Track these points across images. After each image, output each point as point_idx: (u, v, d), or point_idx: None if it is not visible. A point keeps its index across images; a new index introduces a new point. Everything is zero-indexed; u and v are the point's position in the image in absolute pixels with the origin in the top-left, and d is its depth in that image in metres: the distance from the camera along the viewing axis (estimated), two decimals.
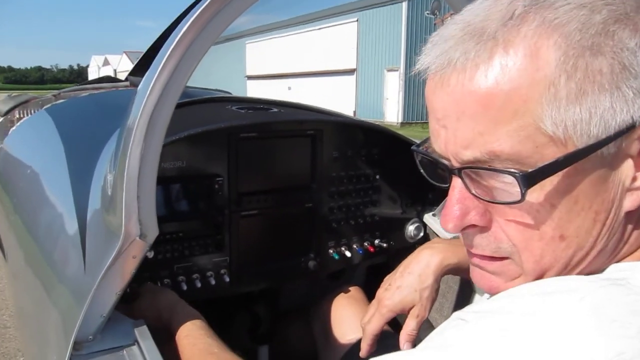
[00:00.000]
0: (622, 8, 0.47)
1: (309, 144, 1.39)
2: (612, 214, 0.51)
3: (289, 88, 24.98)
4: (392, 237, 1.57)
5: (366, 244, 1.53)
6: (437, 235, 1.57)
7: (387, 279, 1.05)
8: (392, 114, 20.00)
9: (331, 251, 1.47)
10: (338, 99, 20.43)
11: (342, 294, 1.54)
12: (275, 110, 1.48)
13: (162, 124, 0.81)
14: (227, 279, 1.29)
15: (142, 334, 0.90)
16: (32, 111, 2.17)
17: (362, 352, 1.02)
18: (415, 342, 0.98)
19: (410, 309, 1.00)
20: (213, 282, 1.27)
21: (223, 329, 1.13)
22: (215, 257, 1.28)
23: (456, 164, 0.53)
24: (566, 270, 0.53)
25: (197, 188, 1.23)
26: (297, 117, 1.46)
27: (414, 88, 19.86)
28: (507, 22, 0.47)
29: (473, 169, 0.51)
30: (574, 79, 0.46)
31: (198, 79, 1.12)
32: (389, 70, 20.35)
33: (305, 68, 24.10)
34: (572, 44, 0.46)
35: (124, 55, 63.31)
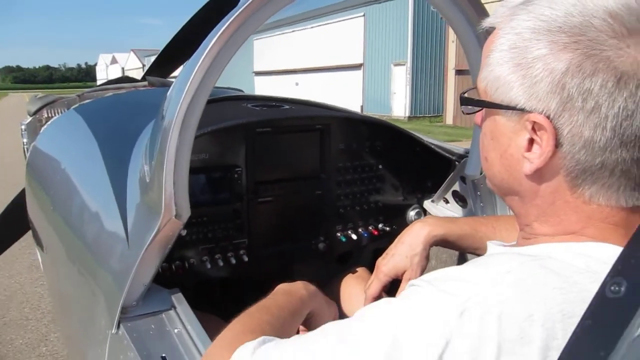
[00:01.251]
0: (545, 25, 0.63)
1: (318, 138, 1.54)
2: (515, 165, 0.68)
3: (297, 84, 25.11)
4: (395, 222, 1.71)
5: (371, 228, 1.68)
6: None
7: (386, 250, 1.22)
8: (399, 108, 20.07)
9: (339, 234, 1.63)
10: (345, 94, 20.52)
11: (350, 275, 1.69)
12: (287, 107, 1.63)
13: (194, 121, 0.96)
14: (246, 259, 1.44)
15: (179, 300, 1.06)
16: (59, 111, 2.32)
17: None
18: None
19: (403, 273, 1.15)
20: (234, 261, 1.42)
21: (241, 309, 1.28)
22: (235, 239, 1.44)
23: None
24: (496, 187, 0.74)
25: (219, 177, 1.38)
26: (307, 113, 1.61)
27: (421, 82, 19.90)
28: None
29: None
30: (505, 56, 0.67)
31: None
32: (395, 65, 20.39)
33: (313, 64, 24.19)
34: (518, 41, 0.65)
35: (132, 53, 63.62)
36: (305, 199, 1.56)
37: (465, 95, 0.74)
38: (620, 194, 0.63)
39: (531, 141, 0.65)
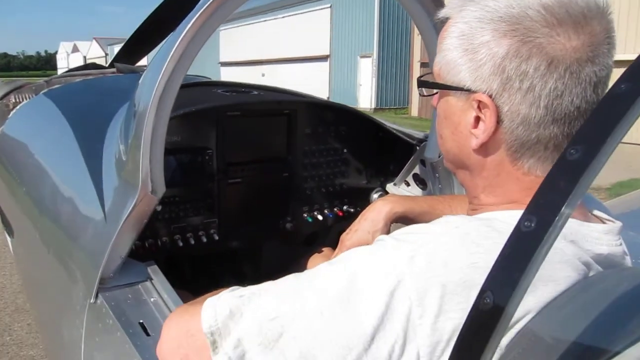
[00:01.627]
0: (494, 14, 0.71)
1: (285, 122, 1.61)
2: (464, 141, 0.77)
3: (263, 75, 25.01)
4: (359, 204, 1.80)
5: (336, 209, 1.76)
6: None
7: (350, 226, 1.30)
8: (365, 100, 20.22)
9: (305, 215, 1.70)
10: (312, 85, 20.51)
11: (316, 254, 1.76)
12: (256, 92, 1.69)
13: (169, 102, 1.02)
14: (217, 237, 1.51)
15: (154, 271, 1.12)
16: (27, 96, 2.32)
17: None
18: None
19: None
20: (205, 240, 1.49)
21: (212, 287, 1.35)
22: (206, 218, 1.50)
23: None
24: (449, 162, 0.83)
25: (191, 159, 1.44)
26: (275, 98, 1.68)
27: (387, 74, 20.10)
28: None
29: None
30: (455, 42, 0.75)
31: None
32: (362, 57, 20.54)
33: (279, 54, 24.13)
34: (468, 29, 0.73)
35: (94, 41, 62.12)
36: (273, 180, 1.63)
37: (423, 79, 0.82)
38: None
39: (477, 119, 0.73)
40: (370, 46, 19.98)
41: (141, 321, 1.00)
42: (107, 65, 2.90)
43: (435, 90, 0.81)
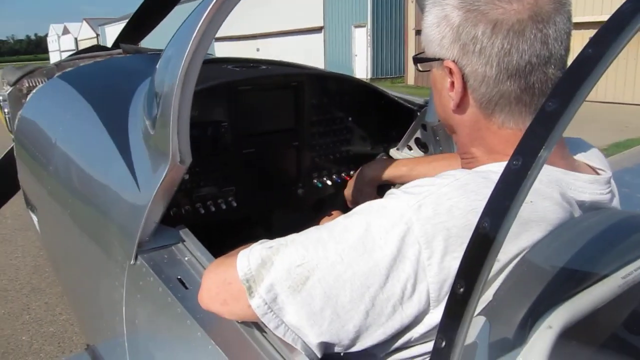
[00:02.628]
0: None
1: (293, 94, 1.71)
2: (446, 104, 0.89)
3: (257, 49, 24.88)
4: None
5: (343, 175, 1.87)
6: None
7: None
8: (361, 70, 20.19)
9: (315, 181, 1.82)
10: (307, 57, 20.32)
11: (325, 217, 1.88)
12: (264, 67, 1.79)
13: (193, 79, 1.11)
14: (235, 204, 1.62)
15: (186, 234, 1.23)
16: (40, 80, 2.41)
17: None
18: None
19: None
20: (224, 206, 1.60)
21: (229, 250, 1.47)
22: (224, 187, 1.61)
23: None
24: (443, 125, 0.96)
25: (207, 132, 1.54)
26: (282, 71, 1.77)
27: (381, 44, 20.03)
28: None
29: None
30: (429, 20, 0.87)
31: (164, 42, 1.30)
32: (356, 27, 20.42)
33: (273, 28, 23.97)
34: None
35: (84, 22, 61.38)
36: (283, 149, 1.73)
37: (417, 56, 0.94)
38: (525, 118, 0.84)
39: (452, 83, 0.86)
40: (364, 16, 19.86)
41: (179, 277, 1.11)
42: (110, 47, 2.98)
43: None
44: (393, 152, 1.97)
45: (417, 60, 0.93)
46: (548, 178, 0.80)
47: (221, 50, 27.97)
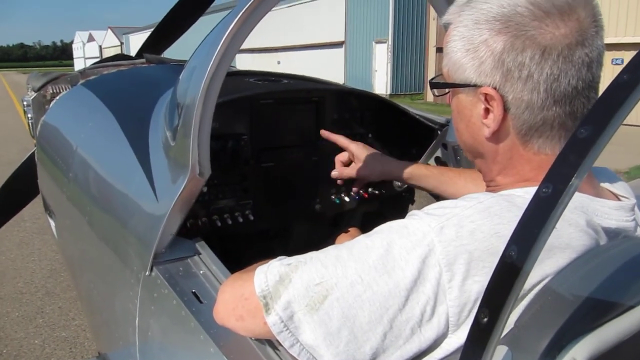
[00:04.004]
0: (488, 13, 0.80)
1: (314, 109, 1.71)
2: (477, 131, 0.86)
3: (278, 62, 25.05)
4: (383, 186, 1.89)
5: (361, 192, 1.86)
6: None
7: None
8: (381, 85, 20.20)
9: (333, 197, 1.80)
10: (327, 71, 20.51)
11: (343, 234, 1.86)
12: (285, 81, 1.79)
13: (215, 92, 1.11)
14: (252, 218, 1.61)
15: (202, 247, 1.23)
16: (63, 87, 2.44)
17: None
18: None
19: None
20: (241, 220, 1.59)
21: (245, 263, 1.46)
22: (242, 200, 1.61)
23: None
24: (466, 152, 0.92)
25: (227, 144, 1.54)
26: (304, 86, 1.77)
27: (402, 60, 20.05)
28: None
29: None
30: (457, 44, 0.83)
31: (187, 53, 1.30)
32: (377, 42, 20.48)
33: (294, 41, 24.14)
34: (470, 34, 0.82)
35: (109, 30, 62.45)
36: (303, 164, 1.73)
37: (434, 80, 0.91)
38: (562, 144, 0.81)
39: (487, 110, 0.82)
40: (386, 32, 19.92)
41: (194, 290, 1.10)
42: (134, 56, 3.01)
43: (446, 90, 0.90)
44: None
45: (438, 85, 0.90)
46: (574, 204, 0.78)
47: (242, 62, 28.24)
